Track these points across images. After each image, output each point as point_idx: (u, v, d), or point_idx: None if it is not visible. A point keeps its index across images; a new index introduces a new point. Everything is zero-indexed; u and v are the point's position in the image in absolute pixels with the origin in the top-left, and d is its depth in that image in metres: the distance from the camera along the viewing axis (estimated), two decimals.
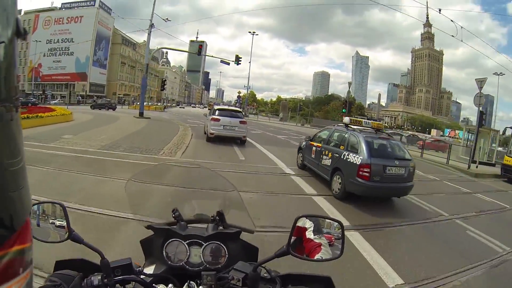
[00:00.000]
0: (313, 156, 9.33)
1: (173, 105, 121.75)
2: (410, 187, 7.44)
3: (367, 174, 6.87)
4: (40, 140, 10.99)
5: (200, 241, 1.35)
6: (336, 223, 1.21)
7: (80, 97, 72.14)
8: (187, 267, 1.33)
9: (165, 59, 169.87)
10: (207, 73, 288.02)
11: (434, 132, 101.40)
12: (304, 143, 10.49)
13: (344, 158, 7.56)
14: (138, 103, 79.85)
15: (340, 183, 7.49)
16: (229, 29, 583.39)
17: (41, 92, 66.72)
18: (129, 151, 10.33)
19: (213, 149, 12.94)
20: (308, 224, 1.18)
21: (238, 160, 11.13)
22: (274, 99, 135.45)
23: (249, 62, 61.84)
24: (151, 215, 1.70)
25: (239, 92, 68.38)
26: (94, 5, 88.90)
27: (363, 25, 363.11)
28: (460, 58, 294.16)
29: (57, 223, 1.23)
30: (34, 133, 12.27)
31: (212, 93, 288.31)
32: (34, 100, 49.46)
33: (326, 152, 8.49)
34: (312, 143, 9.67)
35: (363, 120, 9.08)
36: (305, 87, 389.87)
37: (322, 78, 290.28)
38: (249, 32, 61.72)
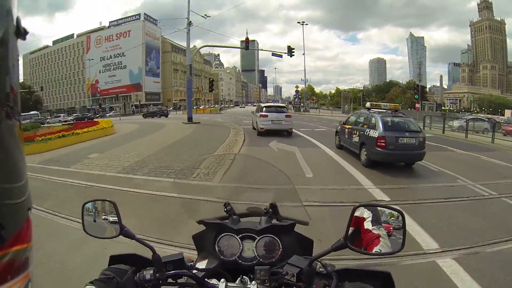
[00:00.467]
0: (346, 136, 11.40)
1: (231, 106, 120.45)
2: (421, 153, 9.14)
3: (383, 144, 8.76)
4: (61, 163, 9.76)
5: (253, 235, 1.33)
6: (396, 213, 1.10)
7: (134, 107, 73.61)
8: (240, 261, 1.31)
9: (218, 61, 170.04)
10: (262, 71, 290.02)
11: (508, 113, 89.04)
12: (339, 127, 12.50)
13: (367, 134, 9.55)
14: (194, 107, 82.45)
15: (365, 154, 9.47)
16: (277, 25, 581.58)
17: (98, 106, 68.85)
18: (153, 174, 8.01)
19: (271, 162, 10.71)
20: (366, 214, 1.10)
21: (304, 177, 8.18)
22: (333, 91, 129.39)
23: (303, 54, 58.70)
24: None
25: (297, 87, 63.87)
26: (139, 19, 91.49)
27: (412, 3, 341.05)
28: None
29: (110, 219, 1.26)
30: (60, 154, 11.39)
31: (270, 90, 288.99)
32: (90, 115, 50.75)
33: (355, 132, 10.52)
34: (345, 126, 11.69)
35: (382, 104, 11.36)
36: (361, 76, 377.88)
37: (378, 65, 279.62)
38: (298, 22, 58.41)
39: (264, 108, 17.33)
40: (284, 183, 1.59)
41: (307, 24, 59.45)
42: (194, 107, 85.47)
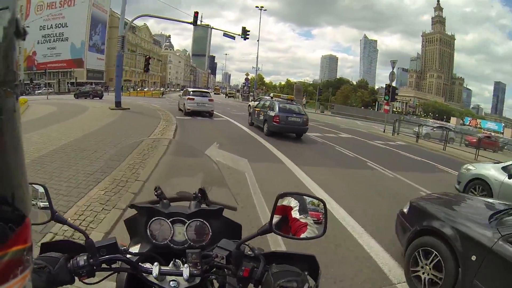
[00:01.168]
0: (255, 116, 16.82)
1: (177, 90, 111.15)
2: (305, 129, 14.99)
3: (277, 120, 14.14)
4: None
5: (183, 219, 1.35)
6: (317, 201, 1.20)
7: (70, 85, 67.98)
8: (172, 245, 1.33)
9: (168, 43, 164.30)
10: (213, 57, 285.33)
11: (454, 120, 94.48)
12: (251, 110, 18.49)
13: (269, 114, 14.84)
14: (138, 89, 78.44)
15: (266, 128, 14.89)
16: (234, 13, 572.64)
17: (29, 82, 62.66)
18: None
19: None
20: (293, 203, 1.17)
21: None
22: (283, 83, 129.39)
23: (258, 41, 56.12)
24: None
25: (247, 75, 62.43)
26: None
27: (369, 8, 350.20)
28: (471, 44, 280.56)
29: (40, 204, 1.19)
30: None
31: (219, 77, 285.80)
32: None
33: (261, 113, 15.84)
34: (255, 109, 17.12)
35: (281, 95, 19.45)
36: (312, 71, 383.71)
37: (330, 62, 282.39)
38: (257, 7, 55.62)
39: (191, 92, 20.88)
40: (213, 169, 1.63)
41: (265, 10, 57.13)
42: (139, 89, 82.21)
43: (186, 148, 2.33)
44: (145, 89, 73.99)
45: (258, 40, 56.14)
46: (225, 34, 28.28)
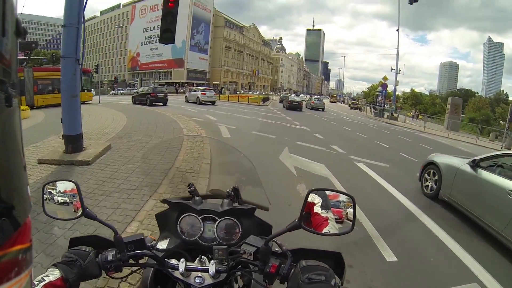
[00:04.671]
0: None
1: (287, 94, 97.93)
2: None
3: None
4: None
5: (215, 217, 1.37)
6: (347, 197, 1.17)
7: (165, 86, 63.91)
8: (201, 242, 1.36)
9: (280, 45, 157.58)
10: (326, 64, 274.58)
11: None
12: (283, 98, 46.07)
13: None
14: (240, 92, 72.27)
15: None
16: (345, 18, 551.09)
17: (113, 80, 60.88)
18: None
19: None
20: (317, 199, 1.16)
21: None
22: (407, 91, 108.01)
23: (397, 30, 40.61)
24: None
25: (385, 79, 42.18)
26: None
27: (490, 5, 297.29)
28: None
29: (72, 200, 1.23)
30: None
31: (332, 84, 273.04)
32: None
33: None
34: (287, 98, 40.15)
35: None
36: (427, 80, 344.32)
37: (450, 70, 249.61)
38: (397, 30, 40.28)
39: (201, 90, 31.79)
40: (248, 169, 1.64)
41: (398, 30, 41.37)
42: (240, 92, 75.55)
43: (223, 146, 2.36)
44: (239, 92, 65.80)
45: (397, 29, 40.96)
46: None
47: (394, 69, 40.26)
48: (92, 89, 28.92)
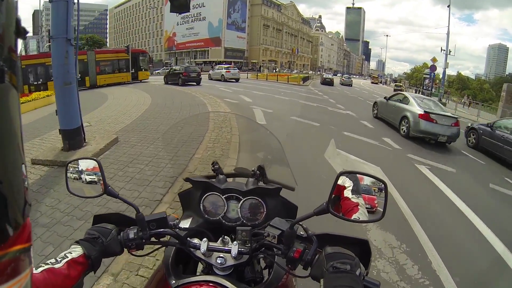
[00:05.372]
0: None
1: (329, 75, 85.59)
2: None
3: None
4: None
5: (239, 196, 1.34)
6: (380, 182, 1.11)
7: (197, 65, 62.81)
8: (224, 221, 1.33)
9: (319, 24, 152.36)
10: (367, 43, 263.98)
11: None
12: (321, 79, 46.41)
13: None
14: (279, 71, 70.20)
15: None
16: None
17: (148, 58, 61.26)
18: None
19: None
20: (347, 183, 1.11)
21: None
22: (453, 75, 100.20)
23: (448, 6, 36.07)
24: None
25: (435, 60, 36.28)
26: None
27: None
28: None
29: (94, 178, 1.23)
30: None
31: (373, 64, 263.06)
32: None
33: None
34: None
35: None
36: (473, 63, 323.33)
37: (499, 53, 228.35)
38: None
39: (225, 68, 33.58)
40: (274, 146, 1.60)
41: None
42: (278, 70, 73.33)
43: (251, 124, 2.26)
44: (276, 71, 63.55)
45: (448, 6, 37.76)
46: None
47: (444, 50, 36.17)
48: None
